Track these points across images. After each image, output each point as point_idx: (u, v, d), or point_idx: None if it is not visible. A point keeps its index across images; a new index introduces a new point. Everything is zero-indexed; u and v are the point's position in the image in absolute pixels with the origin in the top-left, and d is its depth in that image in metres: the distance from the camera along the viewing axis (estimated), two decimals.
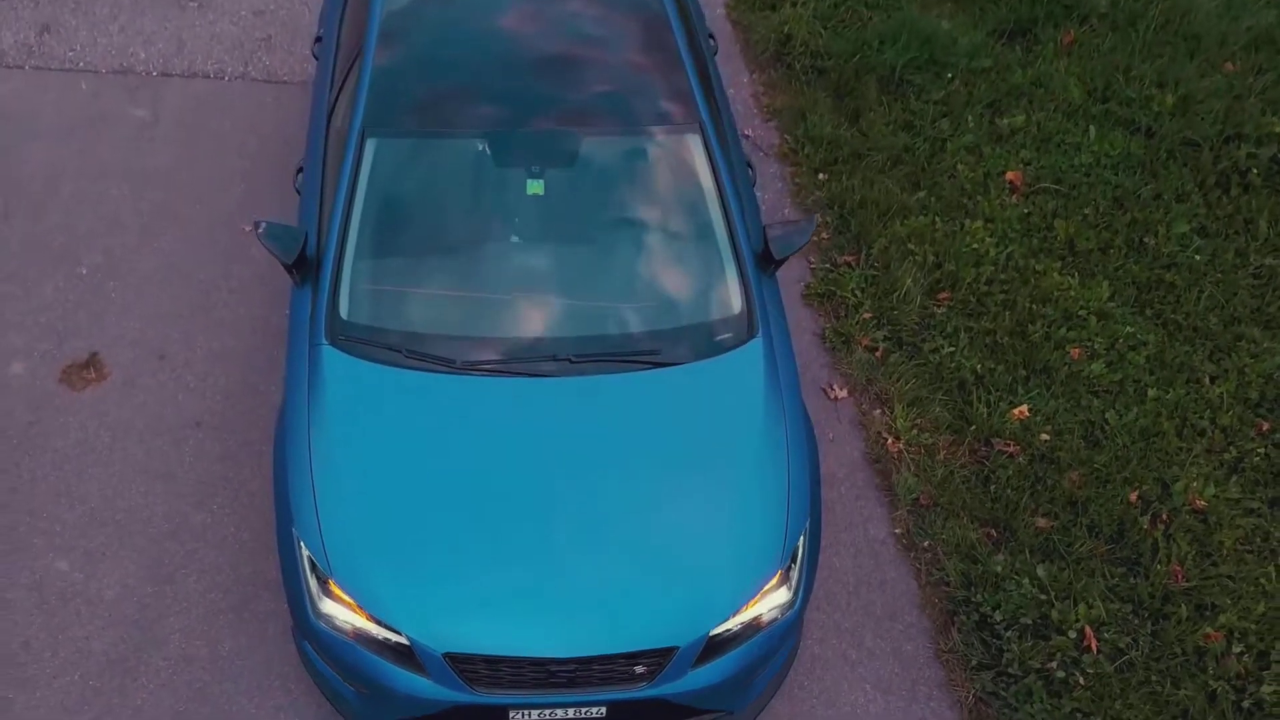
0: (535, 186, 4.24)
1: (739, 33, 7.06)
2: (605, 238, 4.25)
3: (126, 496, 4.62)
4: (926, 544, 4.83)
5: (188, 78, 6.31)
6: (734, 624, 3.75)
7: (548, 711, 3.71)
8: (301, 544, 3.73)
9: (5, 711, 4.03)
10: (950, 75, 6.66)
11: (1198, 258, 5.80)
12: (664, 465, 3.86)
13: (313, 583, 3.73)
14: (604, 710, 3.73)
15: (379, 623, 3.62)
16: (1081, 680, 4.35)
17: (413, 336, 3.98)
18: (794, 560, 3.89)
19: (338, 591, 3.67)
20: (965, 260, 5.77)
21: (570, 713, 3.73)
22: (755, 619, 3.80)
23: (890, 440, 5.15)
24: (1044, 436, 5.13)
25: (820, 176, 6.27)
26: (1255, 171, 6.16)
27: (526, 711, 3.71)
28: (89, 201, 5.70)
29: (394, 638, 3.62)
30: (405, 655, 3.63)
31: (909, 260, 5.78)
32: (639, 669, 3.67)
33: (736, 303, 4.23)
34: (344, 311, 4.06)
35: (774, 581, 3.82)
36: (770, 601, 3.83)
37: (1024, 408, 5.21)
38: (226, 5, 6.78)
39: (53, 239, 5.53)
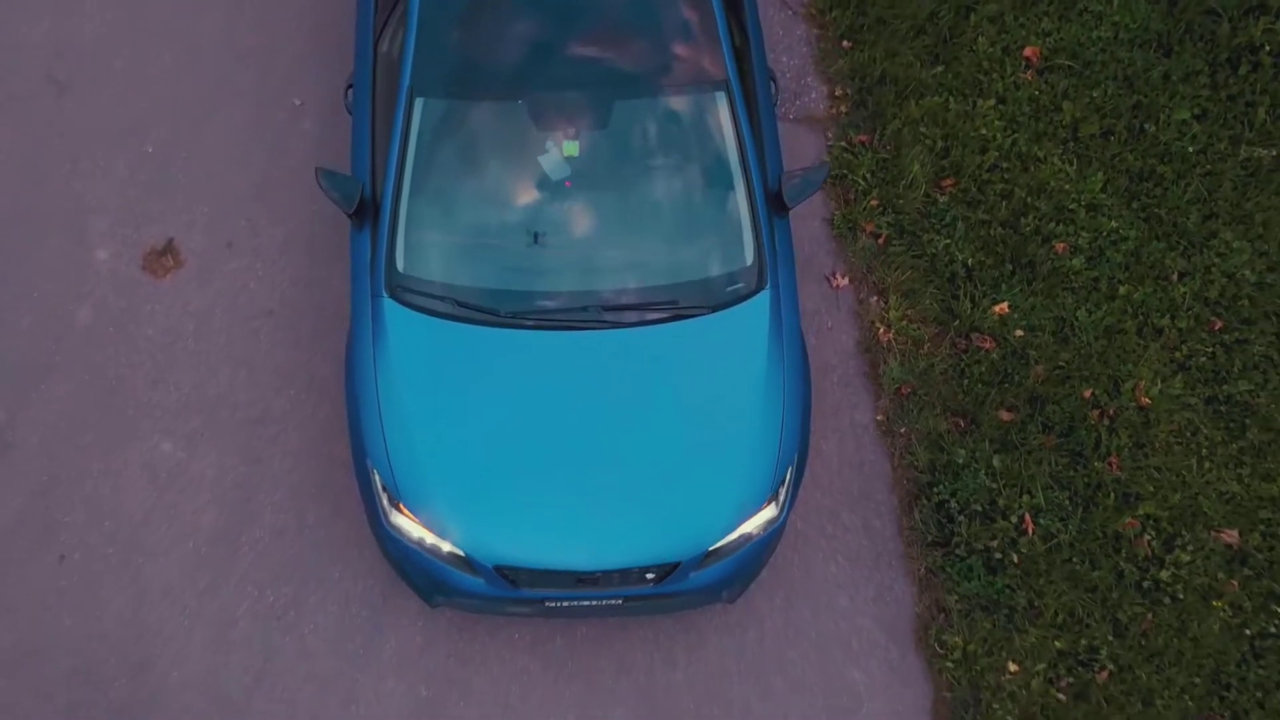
0: (571, 149, 4.65)
1: None
2: (634, 200, 4.70)
3: (214, 383, 5.40)
4: (903, 430, 5.61)
5: None
6: (727, 540, 4.62)
7: (576, 602, 4.68)
8: (375, 472, 4.55)
9: (137, 577, 5.04)
10: None
11: (1190, 149, 6.12)
12: (676, 409, 4.58)
13: (384, 500, 4.59)
14: (620, 601, 4.70)
15: (443, 538, 4.50)
16: (1015, 559, 5.28)
17: (461, 290, 4.58)
18: (783, 484, 4.70)
19: (405, 511, 4.54)
20: (972, 146, 6.12)
21: (593, 603, 4.70)
22: (746, 534, 4.67)
23: (882, 330, 5.80)
24: (1018, 333, 5.76)
25: (845, 44, 6.46)
26: (1268, 49, 6.31)
27: (559, 602, 4.67)
28: (144, 73, 6.03)
29: (453, 550, 4.52)
30: (462, 562, 4.55)
31: (919, 145, 6.13)
32: (649, 576, 4.59)
33: (749, 256, 4.76)
34: (400, 265, 4.64)
35: (765, 507, 4.65)
36: (760, 519, 4.68)
37: (1004, 304, 5.80)
38: None
39: (115, 116, 5.93)
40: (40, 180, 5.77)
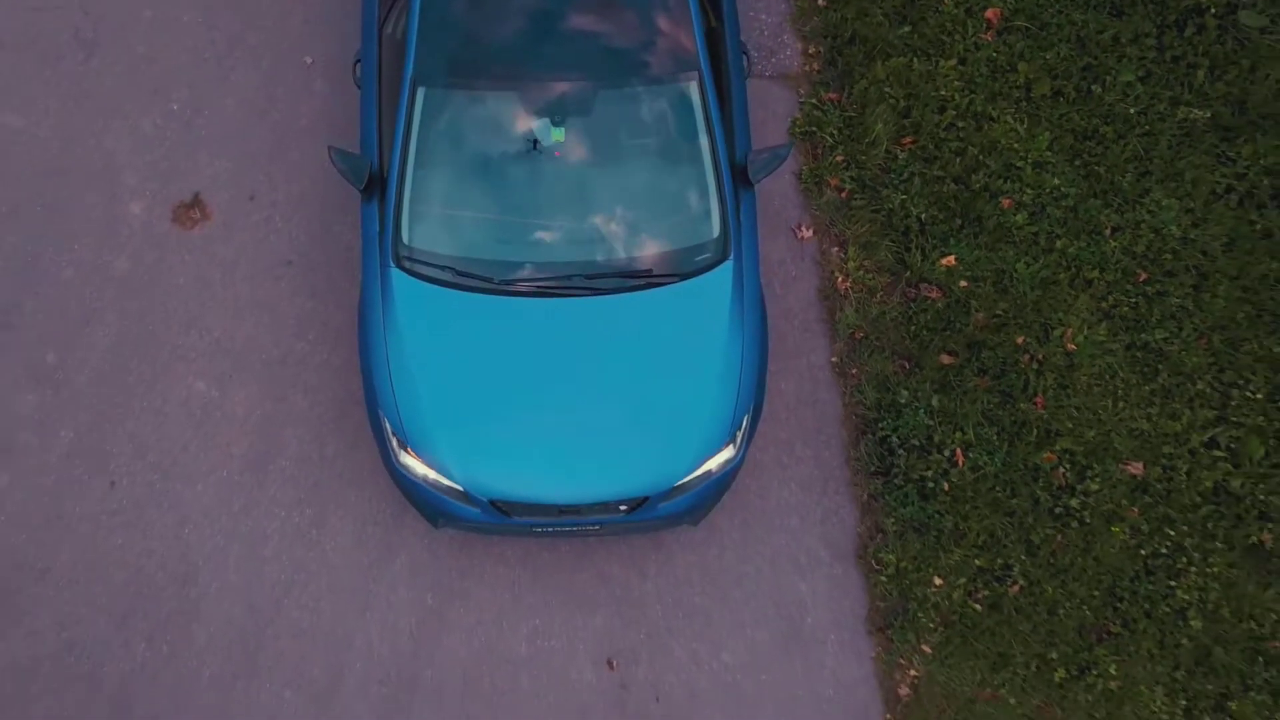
0: (557, 135, 5.22)
1: None
2: (614, 179, 5.29)
3: (241, 327, 6.09)
4: (854, 371, 6.31)
5: None
6: (691, 477, 5.38)
7: (559, 528, 5.47)
8: (384, 420, 5.29)
9: (179, 501, 5.83)
10: None
11: (1132, 110, 6.62)
12: (647, 365, 5.28)
13: (394, 443, 5.33)
14: (597, 526, 5.48)
15: (443, 476, 5.26)
16: (946, 488, 6.05)
17: (460, 261, 5.22)
18: (740, 429, 5.43)
19: (411, 453, 5.28)
20: (931, 105, 6.63)
21: (574, 528, 5.49)
22: (707, 471, 5.43)
23: (840, 279, 6.44)
24: (963, 284, 6.40)
25: (820, 2, 6.89)
26: (1213, 10, 6.74)
27: (545, 528, 5.46)
28: (167, 31, 6.52)
29: (453, 485, 5.28)
30: (461, 495, 5.31)
31: (884, 104, 6.63)
32: (622, 508, 5.37)
33: (716, 229, 5.37)
34: (406, 238, 5.26)
35: (723, 449, 5.40)
36: (719, 459, 5.43)
37: (952, 257, 6.42)
38: None
39: (143, 74, 6.45)
40: (74, 139, 6.34)
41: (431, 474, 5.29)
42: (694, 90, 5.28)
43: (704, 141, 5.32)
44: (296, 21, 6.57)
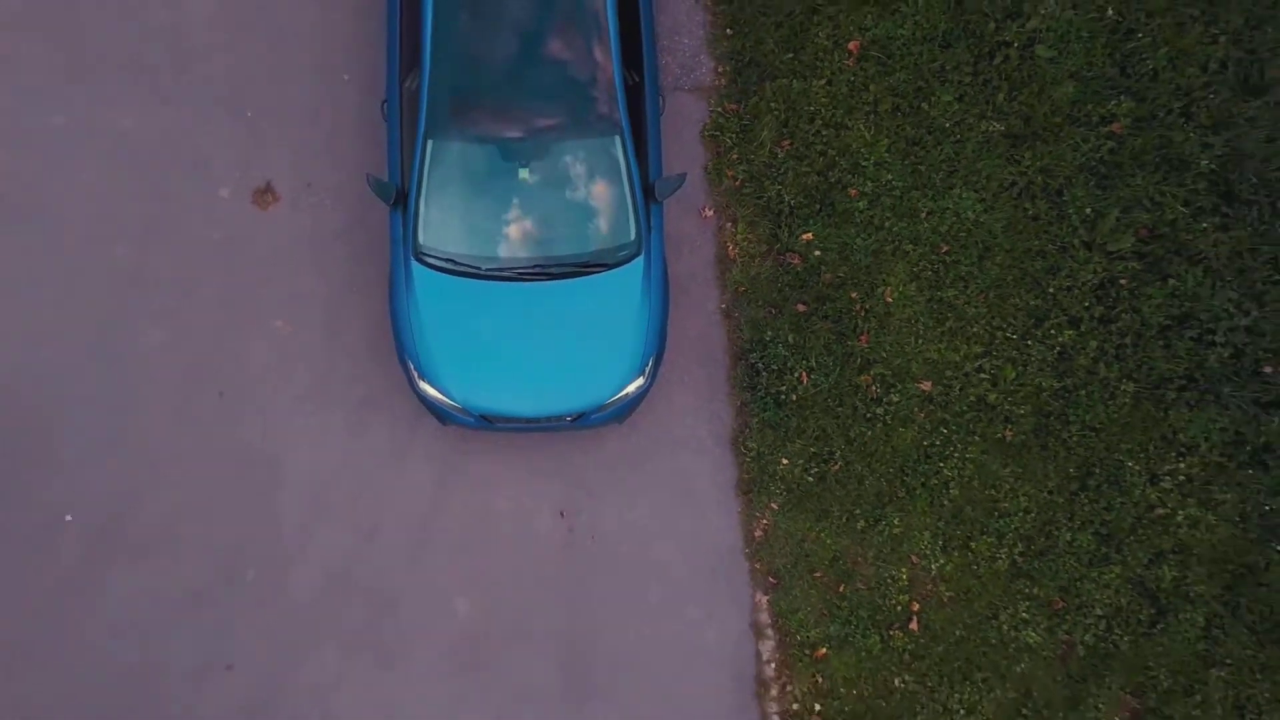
0: (524, 173, 7.73)
1: None
2: (565, 200, 7.81)
3: (304, 284, 8.67)
4: (736, 315, 8.98)
5: None
6: (613, 400, 8.17)
7: (528, 428, 8.27)
8: (409, 362, 8.01)
9: (265, 408, 8.57)
10: None
11: (948, 123, 9.06)
12: (586, 326, 7.96)
13: (415, 376, 8.06)
14: (554, 427, 8.29)
15: (449, 397, 8.03)
16: (794, 399, 8.84)
17: (459, 256, 7.81)
18: (645, 370, 8.17)
19: (426, 384, 8.03)
20: (804, 117, 9.05)
21: (538, 428, 8.28)
22: (626, 394, 8.20)
23: (731, 248, 9.03)
24: (816, 253, 9.00)
25: (728, 31, 9.18)
26: (1016, 45, 9.09)
27: (517, 429, 8.26)
28: (239, 53, 8.82)
29: (454, 404, 8.06)
30: (460, 410, 8.10)
31: (770, 115, 9.04)
32: (569, 418, 8.17)
33: (632, 234, 7.95)
34: (421, 241, 7.84)
35: (636, 380, 8.16)
36: (633, 386, 8.19)
37: (810, 234, 9.00)
38: None
39: (220, 87, 8.80)
40: (176, 139, 8.74)
41: (439, 396, 8.05)
42: (617, 144, 7.75)
43: (624, 176, 7.82)
44: (337, 48, 8.86)
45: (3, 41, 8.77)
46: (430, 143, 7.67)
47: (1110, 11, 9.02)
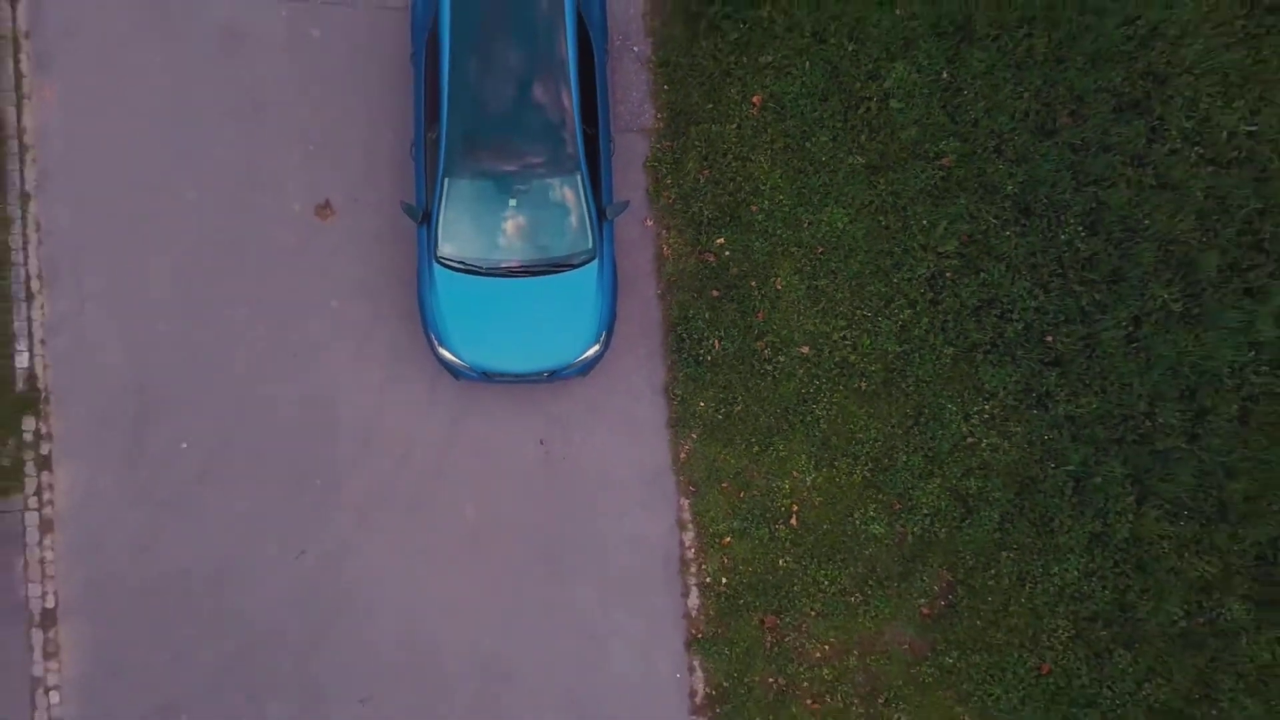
0: (513, 201, 11.06)
1: None
2: (542, 219, 11.15)
3: (356, 272, 11.98)
4: (668, 299, 12.31)
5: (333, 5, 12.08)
6: (577, 360, 11.58)
7: (518, 380, 11.68)
8: (431, 334, 11.40)
9: (326, 368, 11.94)
10: (744, 25, 12.33)
11: (824, 157, 12.35)
12: (558, 308, 11.34)
13: (436, 344, 11.45)
14: (537, 379, 11.70)
15: (459, 359, 11.44)
16: (709, 359, 12.22)
17: (466, 260, 11.16)
18: (600, 340, 11.56)
19: (444, 349, 11.43)
20: (720, 151, 12.33)
21: (525, 380, 11.69)
22: (586, 356, 11.61)
23: (666, 250, 12.36)
24: (727, 253, 12.34)
25: (665, 87, 12.43)
26: (876, 99, 12.37)
27: (509, 381, 11.67)
28: (301, 105, 12.06)
29: (464, 364, 11.47)
30: (468, 368, 11.49)
31: (694, 150, 12.32)
32: (545, 375, 11.59)
33: (590, 244, 11.31)
34: (440, 249, 11.20)
35: (594, 346, 11.57)
36: (591, 352, 11.57)
37: (723, 239, 12.34)
38: None
39: (291, 125, 12.05)
40: (255, 167, 12.01)
41: (453, 358, 11.44)
42: (578, 180, 11.03)
43: (583, 203, 11.13)
44: (378, 104, 12.10)
45: (130, 91, 12.03)
46: (447, 180, 10.96)
47: (945, 74, 12.29)
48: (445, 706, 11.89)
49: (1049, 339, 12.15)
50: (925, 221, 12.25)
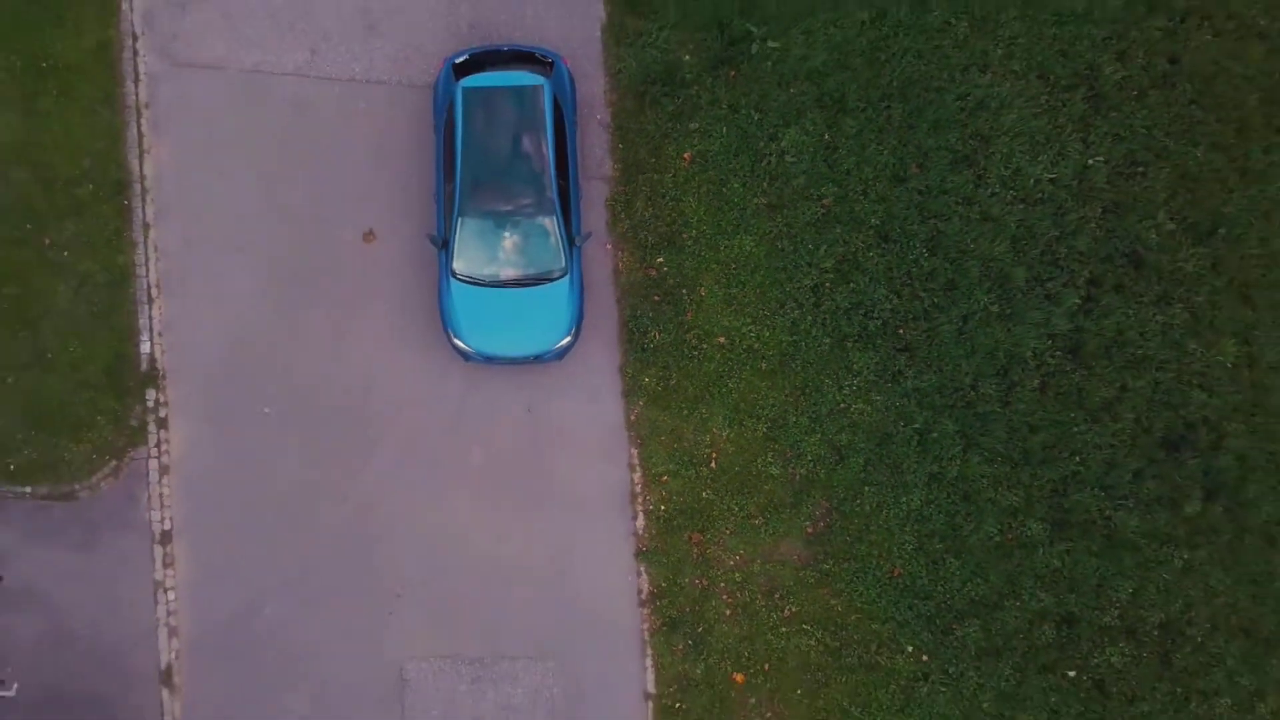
0: (507, 233, 15.52)
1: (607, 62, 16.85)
2: (527, 246, 15.61)
3: (392, 285, 16.39)
4: (622, 303, 16.71)
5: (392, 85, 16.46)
6: (554, 347, 16.05)
7: (511, 363, 16.17)
8: (448, 328, 15.89)
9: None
10: (678, 100, 16.74)
11: (736, 200, 16.78)
12: (540, 310, 15.82)
13: (451, 336, 15.92)
14: (524, 361, 16.18)
15: (469, 347, 15.92)
16: (652, 347, 16.68)
17: (474, 274, 15.63)
18: (572, 333, 16.04)
19: (458, 339, 15.92)
20: (659, 192, 16.75)
21: (517, 364, 16.21)
22: (561, 345, 16.08)
23: (620, 266, 16.79)
24: (665, 270, 16.74)
25: (619, 145, 16.84)
26: (774, 154, 16.78)
27: (506, 363, 16.16)
28: (348, 161, 16.47)
29: (472, 350, 15.94)
30: (475, 353, 15.96)
31: (642, 191, 16.73)
32: (532, 358, 16.10)
33: (564, 263, 15.77)
34: (455, 267, 15.66)
35: (567, 338, 16.06)
36: (564, 341, 16.04)
37: (662, 259, 16.77)
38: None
39: (343, 179, 16.45)
40: (317, 204, 16.42)
41: (464, 346, 15.91)
42: (554, 219, 15.47)
43: (558, 234, 15.58)
44: (409, 162, 16.51)
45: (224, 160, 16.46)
46: (460, 219, 15.40)
47: (826, 136, 16.72)
48: (455, 598, 16.36)
49: (900, 331, 16.61)
50: (810, 246, 16.67)
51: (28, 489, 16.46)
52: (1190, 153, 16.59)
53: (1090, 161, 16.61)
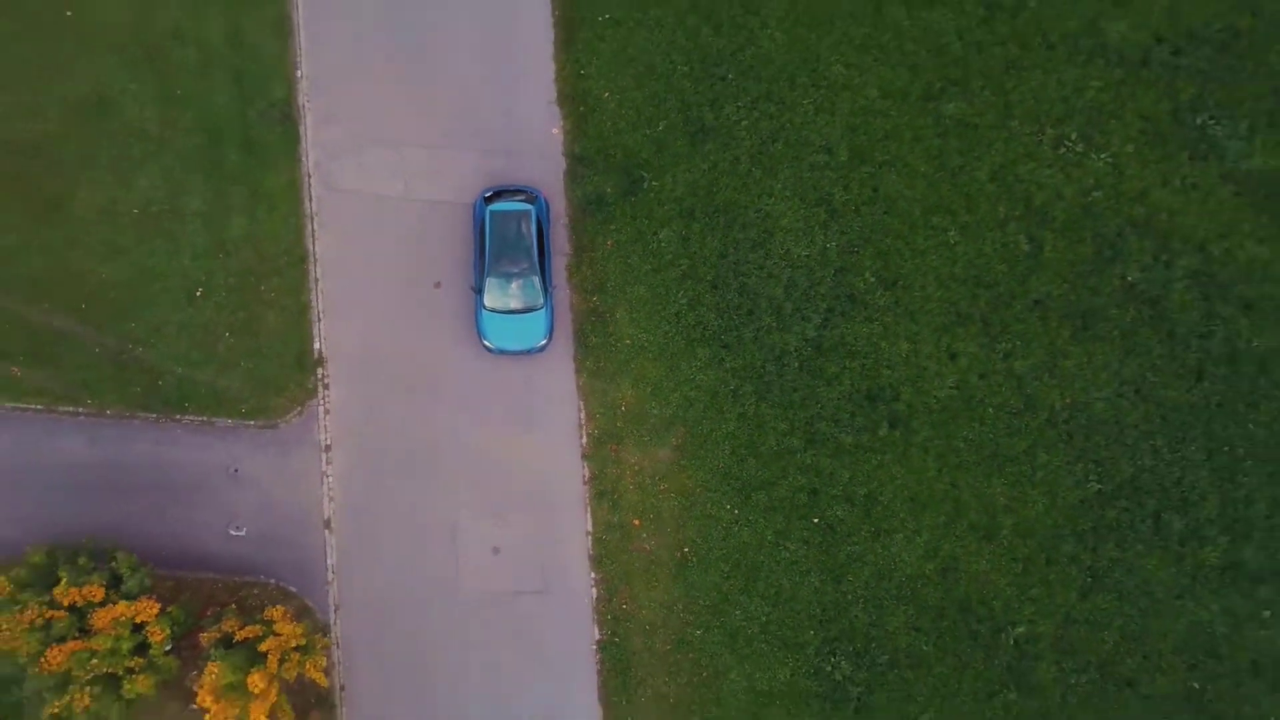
0: (513, 285, 29.98)
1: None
2: (523, 291, 30.02)
3: (452, 313, 30.71)
4: (580, 319, 31.05)
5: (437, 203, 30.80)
6: (538, 345, 30.44)
7: (518, 354, 30.60)
8: (480, 333, 30.32)
9: (435, 351, 30.74)
10: (605, 212, 31.07)
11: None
12: (531, 325, 30.22)
13: (481, 336, 30.36)
14: (521, 353, 30.61)
15: (491, 345, 30.34)
16: (598, 342, 31.00)
17: (494, 306, 30.03)
18: (548, 336, 30.44)
19: (485, 339, 30.36)
20: (595, 262, 31.09)
21: (520, 355, 30.60)
22: (542, 344, 30.47)
23: (573, 301, 31.04)
24: (598, 303, 31.10)
25: (573, 237, 31.19)
26: (663, 242, 31.15)
27: (514, 354, 30.59)
28: (427, 248, 30.84)
29: (493, 346, 30.36)
30: (495, 348, 30.34)
31: (585, 261, 31.04)
32: (526, 352, 30.53)
33: (544, 300, 30.18)
34: (485, 303, 30.09)
35: (545, 339, 30.48)
36: (544, 341, 30.43)
37: (596, 298, 31.13)
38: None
39: (425, 255, 30.80)
40: (409, 267, 30.79)
41: (488, 343, 30.23)
42: (538, 278, 29.74)
43: (541, 285, 29.91)
44: (459, 242, 30.87)
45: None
46: (488, 278, 29.80)
47: (683, 232, 31.13)
48: (453, 495, 30.74)
49: (723, 336, 31.00)
50: (675, 292, 30.94)
51: (252, 422, 30.75)
52: (884, 239, 31.00)
53: (828, 245, 30.98)
